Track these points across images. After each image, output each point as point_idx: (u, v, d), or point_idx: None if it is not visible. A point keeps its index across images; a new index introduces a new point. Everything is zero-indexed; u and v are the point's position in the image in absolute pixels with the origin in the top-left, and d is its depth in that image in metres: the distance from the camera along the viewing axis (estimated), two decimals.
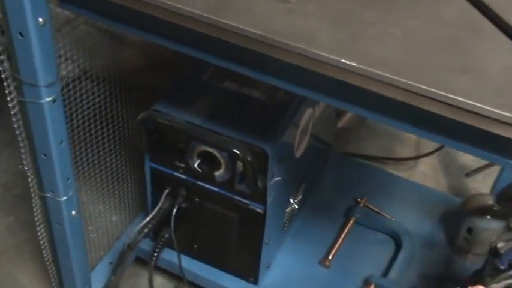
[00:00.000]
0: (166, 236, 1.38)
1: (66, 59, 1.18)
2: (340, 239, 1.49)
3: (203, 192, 1.31)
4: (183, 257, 1.39)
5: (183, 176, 1.30)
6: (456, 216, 1.54)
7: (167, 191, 1.33)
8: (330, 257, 1.46)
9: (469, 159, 1.87)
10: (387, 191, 1.63)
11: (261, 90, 1.26)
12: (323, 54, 0.80)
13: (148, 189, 1.36)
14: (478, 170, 1.78)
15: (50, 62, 0.98)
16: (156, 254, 1.37)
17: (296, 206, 1.43)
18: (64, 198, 1.14)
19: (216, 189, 1.29)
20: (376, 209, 1.56)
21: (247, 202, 1.27)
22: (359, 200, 1.57)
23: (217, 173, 1.25)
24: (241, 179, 1.23)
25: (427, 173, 1.83)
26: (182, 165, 1.28)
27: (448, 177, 1.82)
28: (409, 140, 1.92)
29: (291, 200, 1.41)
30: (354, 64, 0.79)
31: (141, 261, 1.48)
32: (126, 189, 1.47)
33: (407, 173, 1.82)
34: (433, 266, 1.48)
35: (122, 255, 1.33)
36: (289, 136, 1.25)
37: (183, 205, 1.34)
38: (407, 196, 1.62)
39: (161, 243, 1.38)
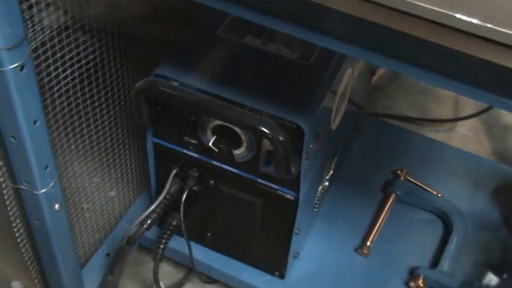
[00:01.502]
0: (174, 223, 1.09)
1: (48, 4, 0.87)
2: (380, 221, 1.20)
3: (219, 174, 1.01)
4: (194, 246, 1.11)
5: (194, 154, 1.00)
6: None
7: (175, 171, 1.03)
8: (368, 243, 1.17)
9: None
10: (429, 159, 1.33)
11: (292, 47, 0.95)
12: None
13: (152, 169, 1.07)
14: None
15: (13, 13, 0.68)
16: (162, 245, 1.08)
17: (327, 183, 1.14)
18: (42, 190, 0.85)
19: (235, 170, 0.99)
20: (419, 184, 1.26)
21: (275, 187, 0.98)
22: (399, 172, 1.28)
23: (237, 152, 0.95)
24: (268, 160, 0.94)
25: (468, 136, 1.53)
26: (193, 141, 0.98)
27: (492, 141, 1.52)
28: (446, 97, 1.61)
29: (323, 178, 1.11)
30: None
31: (145, 247, 1.20)
32: (128, 161, 1.17)
33: (446, 135, 1.53)
34: (488, 252, 1.19)
35: (120, 252, 1.04)
36: (327, 106, 0.94)
37: (194, 188, 1.04)
38: (453, 166, 1.33)
39: (168, 231, 1.09)
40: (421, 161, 1.32)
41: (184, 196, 1.03)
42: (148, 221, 1.02)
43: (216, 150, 0.93)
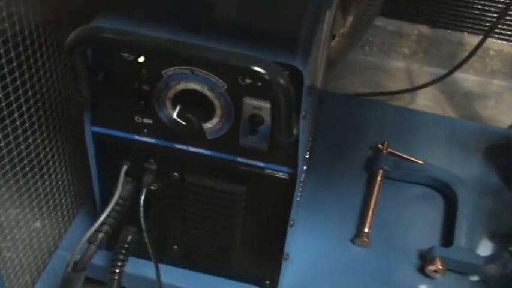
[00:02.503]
0: (129, 239, 0.83)
1: None
2: (372, 203, 0.99)
3: (185, 162, 0.77)
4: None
5: (150, 140, 0.76)
6: (508, 150, 1.09)
7: (125, 167, 0.78)
8: (365, 230, 0.95)
9: (473, 84, 1.42)
10: (406, 129, 1.14)
11: None
12: None
13: (93, 170, 0.81)
14: None
15: None
16: (117, 271, 0.82)
17: (305, 166, 0.92)
18: None
19: (208, 152, 0.75)
20: (405, 156, 1.07)
21: (262, 165, 0.74)
22: (380, 146, 1.08)
23: (208, 126, 0.72)
24: (251, 127, 0.70)
25: (431, 106, 1.36)
26: (147, 121, 0.74)
27: (456, 108, 1.36)
28: (397, 71, 1.44)
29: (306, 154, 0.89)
30: None
31: (92, 281, 0.92)
32: (54, 177, 0.90)
33: None
34: (498, 220, 1.01)
35: (67, 283, 0.77)
36: (314, 52, 0.73)
37: (152, 187, 0.79)
38: (434, 133, 1.14)
39: (123, 250, 0.82)
40: (398, 132, 1.13)
41: (142, 197, 0.77)
42: (100, 236, 0.76)
43: (184, 122, 0.69)
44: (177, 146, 0.75)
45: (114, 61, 0.69)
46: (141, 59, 0.68)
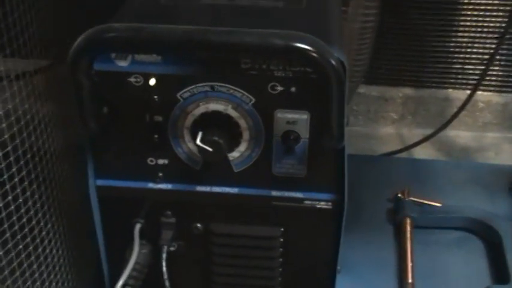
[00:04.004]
0: None
1: None
2: (409, 252, 0.87)
3: (209, 207, 0.65)
4: None
5: (166, 186, 0.64)
6: None
7: (138, 226, 0.65)
8: (409, 281, 0.83)
9: (467, 140, 1.35)
10: (422, 178, 1.05)
11: None
12: None
13: (100, 234, 0.67)
14: None
15: None
16: None
17: None
18: None
19: (235, 190, 0.63)
20: (429, 202, 0.96)
21: (301, 196, 0.63)
22: (400, 195, 0.97)
23: (235, 155, 0.61)
24: (287, 146, 0.60)
25: None
26: (162, 161, 0.62)
27: None
28: (389, 137, 1.37)
29: None
30: None
31: None
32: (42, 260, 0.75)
33: None
34: None
35: None
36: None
37: (172, 247, 0.66)
38: (451, 177, 1.05)
39: None
40: (415, 181, 1.03)
41: (164, 255, 0.64)
42: None
43: (209, 148, 0.58)
44: (198, 188, 0.64)
45: (120, 89, 0.58)
46: (152, 82, 0.58)
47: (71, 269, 0.78)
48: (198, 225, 0.66)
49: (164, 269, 0.64)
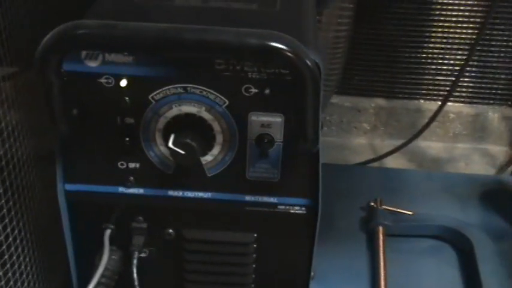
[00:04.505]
0: None
1: None
2: (382, 262, 0.86)
3: (181, 213, 0.63)
4: None
5: (137, 191, 0.62)
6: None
7: (108, 231, 0.63)
8: None
9: (438, 151, 1.36)
10: (395, 187, 1.04)
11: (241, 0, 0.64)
12: None
13: (68, 240, 0.65)
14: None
15: None
16: None
17: None
18: None
19: (208, 194, 0.62)
20: (402, 210, 0.96)
21: (275, 201, 0.62)
22: (372, 204, 0.97)
23: (208, 159, 0.60)
24: (262, 149, 0.58)
25: None
26: (133, 165, 0.61)
27: None
28: (361, 148, 1.37)
29: None
30: None
31: None
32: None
33: None
34: None
35: None
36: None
37: (144, 254, 0.65)
38: (424, 187, 1.05)
39: None
40: (387, 190, 1.02)
41: (135, 261, 0.62)
42: None
43: (182, 151, 0.56)
44: (170, 193, 0.62)
45: (91, 90, 0.57)
46: (124, 83, 0.57)
47: (39, 276, 0.76)
48: (170, 230, 0.64)
49: (135, 275, 0.62)
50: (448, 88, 1.29)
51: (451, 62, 1.31)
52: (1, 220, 0.64)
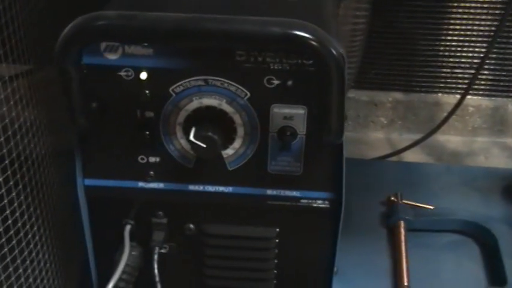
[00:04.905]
0: None
1: None
2: (403, 255, 0.85)
3: (202, 207, 0.62)
4: None
5: (157, 185, 0.61)
6: None
7: (129, 227, 0.62)
8: (405, 283, 0.80)
9: (457, 145, 1.34)
10: (414, 181, 1.02)
11: None
12: None
13: (88, 236, 0.64)
14: None
15: None
16: None
17: None
18: None
19: (228, 189, 0.61)
20: (422, 205, 0.94)
21: (297, 195, 0.60)
22: (393, 198, 0.95)
23: (229, 153, 0.58)
24: (284, 142, 0.57)
25: None
26: (153, 159, 0.60)
27: None
28: (379, 142, 1.35)
29: None
30: None
31: None
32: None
33: None
34: None
35: None
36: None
37: (164, 250, 0.63)
38: (444, 181, 1.03)
39: None
40: (407, 185, 1.01)
41: (156, 256, 0.61)
42: None
43: (203, 144, 0.55)
44: (191, 187, 0.61)
45: (110, 83, 0.56)
46: (144, 76, 0.56)
47: (58, 273, 0.75)
48: (191, 225, 0.63)
49: (156, 271, 0.61)
50: (466, 81, 1.27)
51: (469, 54, 1.29)
52: (21, 216, 0.64)
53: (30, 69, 0.64)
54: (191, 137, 0.55)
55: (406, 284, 0.80)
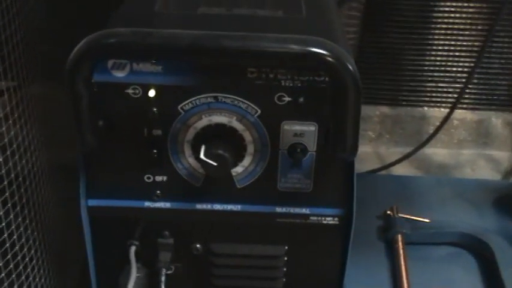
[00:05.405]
0: None
1: None
2: (403, 269, 0.83)
3: (210, 226, 0.60)
4: None
5: (164, 205, 0.59)
6: None
7: (133, 248, 0.60)
8: None
9: (444, 157, 1.34)
10: (408, 194, 1.01)
11: (267, 8, 0.61)
12: None
13: (91, 258, 0.61)
14: None
15: None
16: None
17: None
18: None
19: (237, 207, 0.59)
20: (418, 218, 0.93)
21: (307, 212, 0.59)
22: (389, 212, 0.94)
23: (239, 169, 0.57)
24: (295, 159, 0.56)
25: None
26: (160, 178, 0.58)
27: None
28: (367, 156, 1.34)
29: None
30: None
31: None
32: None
33: None
34: None
35: None
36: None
37: (169, 271, 0.61)
38: (437, 193, 1.02)
39: None
40: (401, 199, 1.00)
41: (163, 282, 0.59)
42: None
43: (214, 163, 0.53)
44: (199, 206, 0.59)
45: (117, 101, 0.54)
46: (152, 93, 0.54)
47: None
48: (198, 245, 0.61)
49: None
50: (451, 95, 1.28)
51: (454, 69, 1.29)
52: (19, 239, 0.61)
53: (13, 86, 0.62)
54: (201, 155, 0.53)
55: None
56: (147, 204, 0.59)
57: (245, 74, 0.52)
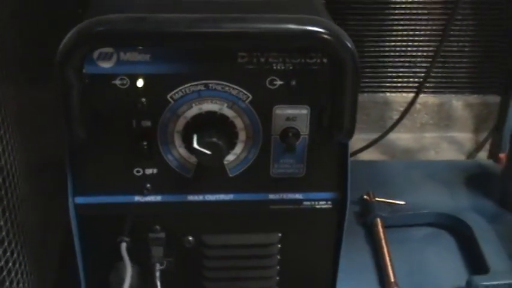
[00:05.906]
0: None
1: None
2: (386, 251, 0.84)
3: (202, 218, 0.58)
4: None
5: (154, 198, 0.57)
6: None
7: (124, 245, 0.58)
8: (392, 280, 0.79)
9: (408, 142, 1.35)
10: (380, 179, 1.02)
11: None
12: None
13: (80, 257, 0.59)
14: None
15: None
16: None
17: None
18: None
19: (229, 196, 0.57)
20: (394, 201, 0.94)
21: (300, 198, 0.58)
22: (366, 197, 0.94)
23: (230, 157, 0.55)
24: (288, 143, 0.54)
25: None
26: (150, 171, 0.56)
27: None
28: None
29: None
30: None
31: None
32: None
33: None
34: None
35: None
36: None
37: (162, 266, 0.59)
38: (409, 176, 1.03)
39: None
40: (373, 183, 1.00)
41: (158, 274, 0.57)
42: None
43: (208, 151, 0.52)
44: (190, 197, 0.57)
45: (104, 93, 0.52)
46: (140, 83, 0.52)
47: None
48: (190, 238, 0.59)
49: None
50: (412, 79, 1.29)
51: (414, 54, 1.30)
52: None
53: None
54: (194, 145, 0.52)
55: (393, 280, 0.79)
56: (137, 198, 0.57)
57: (235, 58, 0.51)
